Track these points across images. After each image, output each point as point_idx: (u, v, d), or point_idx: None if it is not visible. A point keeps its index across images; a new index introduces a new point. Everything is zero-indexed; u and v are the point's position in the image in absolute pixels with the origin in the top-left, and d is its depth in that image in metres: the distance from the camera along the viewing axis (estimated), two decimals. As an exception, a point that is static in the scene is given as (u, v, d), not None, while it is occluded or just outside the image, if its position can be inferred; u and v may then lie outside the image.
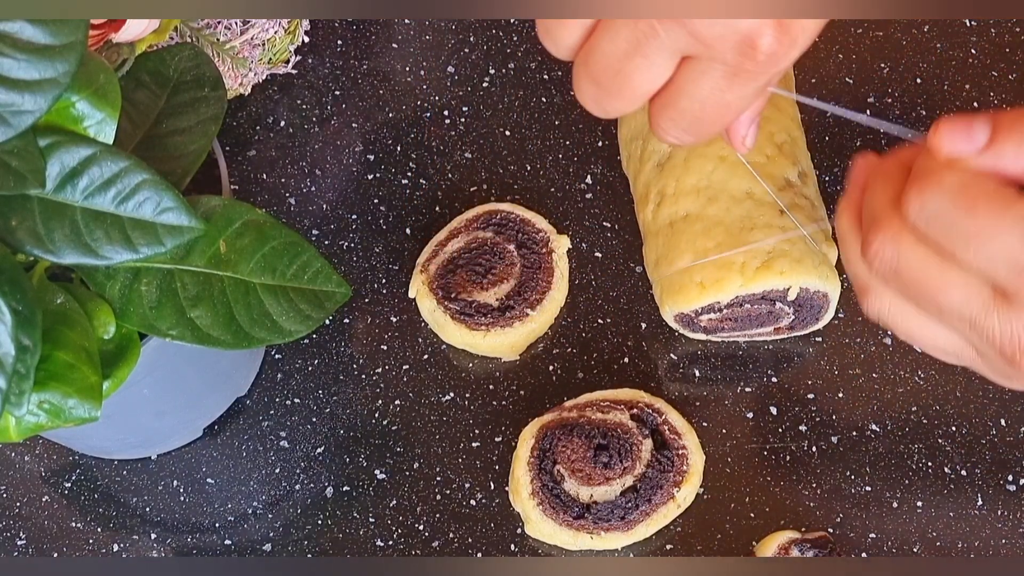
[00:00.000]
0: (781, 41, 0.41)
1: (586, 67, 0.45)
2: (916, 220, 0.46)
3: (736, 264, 0.63)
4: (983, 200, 0.44)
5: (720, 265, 0.63)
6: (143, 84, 0.58)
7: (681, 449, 0.63)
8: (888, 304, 0.49)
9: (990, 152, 0.45)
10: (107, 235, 0.51)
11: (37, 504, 0.66)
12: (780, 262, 0.63)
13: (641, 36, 0.42)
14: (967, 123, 0.45)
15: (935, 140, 0.46)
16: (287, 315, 0.54)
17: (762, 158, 0.66)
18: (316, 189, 0.74)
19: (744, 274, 0.63)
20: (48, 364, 0.50)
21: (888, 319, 0.50)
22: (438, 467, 0.66)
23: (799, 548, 0.62)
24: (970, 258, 0.45)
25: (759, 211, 0.64)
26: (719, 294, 0.63)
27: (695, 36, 0.42)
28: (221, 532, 0.65)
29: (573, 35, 0.45)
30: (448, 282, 0.68)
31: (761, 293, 0.64)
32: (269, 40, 0.74)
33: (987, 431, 0.66)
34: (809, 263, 0.64)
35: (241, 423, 0.68)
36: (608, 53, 0.43)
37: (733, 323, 0.67)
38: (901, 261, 0.47)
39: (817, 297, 0.65)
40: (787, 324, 0.67)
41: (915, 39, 0.78)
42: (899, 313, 0.49)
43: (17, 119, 0.48)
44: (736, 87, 0.43)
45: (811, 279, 0.64)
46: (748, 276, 0.63)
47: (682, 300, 0.64)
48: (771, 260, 0.63)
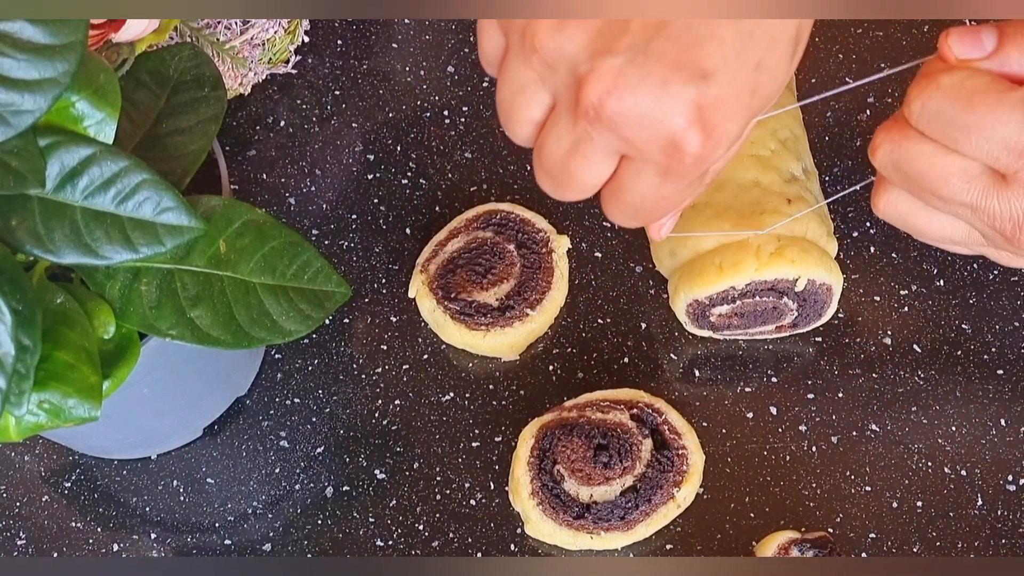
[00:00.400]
0: (705, 144, 0.43)
1: (539, 161, 0.47)
2: (918, 119, 0.50)
3: (752, 247, 0.63)
4: (979, 94, 0.48)
5: (739, 247, 0.63)
6: (143, 84, 0.58)
7: (681, 449, 0.63)
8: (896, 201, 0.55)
9: (996, 57, 0.49)
10: (107, 235, 0.51)
11: (37, 504, 0.66)
12: (791, 250, 0.63)
13: (579, 138, 0.44)
14: (975, 31, 0.50)
15: (944, 47, 0.50)
16: (287, 315, 0.54)
17: (766, 152, 0.66)
18: (316, 189, 0.74)
19: (760, 258, 0.63)
20: (48, 364, 0.50)
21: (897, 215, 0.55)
22: (438, 467, 0.66)
23: (799, 548, 0.62)
24: (970, 147, 0.49)
25: (767, 198, 0.64)
26: (736, 277, 0.63)
27: (625, 140, 0.44)
28: (221, 532, 0.65)
29: (525, 130, 0.47)
30: (448, 282, 0.68)
31: (772, 282, 0.64)
32: (269, 40, 0.74)
33: (987, 431, 0.66)
34: (816, 253, 0.64)
35: (241, 423, 0.68)
36: (554, 151, 0.46)
37: (740, 319, 0.67)
38: (902, 154, 0.51)
39: (822, 291, 0.65)
40: (790, 322, 0.67)
41: (915, 39, 0.78)
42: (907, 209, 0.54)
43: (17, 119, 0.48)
44: (670, 184, 0.45)
45: (818, 270, 0.64)
46: (763, 261, 0.63)
47: (699, 282, 0.64)
48: (782, 247, 0.63)
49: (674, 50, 0.42)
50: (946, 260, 0.71)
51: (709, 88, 0.42)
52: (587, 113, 0.43)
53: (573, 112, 0.44)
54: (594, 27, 0.43)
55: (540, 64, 0.44)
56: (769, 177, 0.65)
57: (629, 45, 0.42)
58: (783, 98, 0.69)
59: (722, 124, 0.43)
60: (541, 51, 0.43)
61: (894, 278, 0.70)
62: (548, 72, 0.44)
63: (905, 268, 0.71)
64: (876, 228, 0.72)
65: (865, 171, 0.73)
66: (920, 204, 0.54)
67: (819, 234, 0.65)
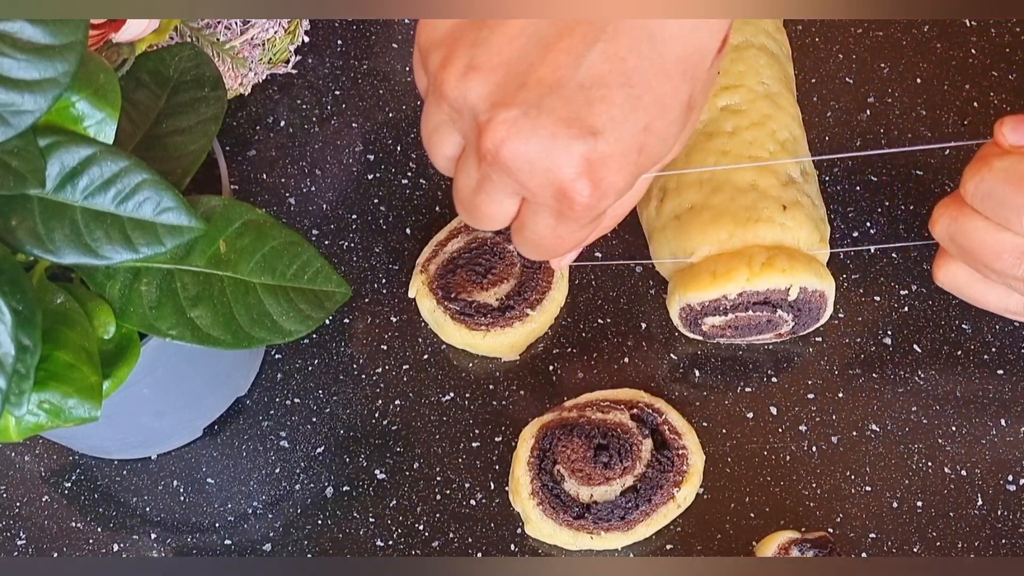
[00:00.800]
0: (592, 195, 0.47)
1: (455, 193, 0.51)
2: (973, 198, 0.57)
3: (744, 256, 0.63)
4: None
5: (732, 255, 0.64)
6: (143, 84, 0.58)
7: (681, 449, 0.63)
8: (955, 272, 0.62)
9: None
10: (107, 235, 0.51)
11: (37, 504, 0.66)
12: (780, 259, 0.63)
13: (483, 177, 0.48)
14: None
15: (999, 134, 0.57)
16: (287, 315, 0.54)
17: (764, 153, 0.66)
18: (316, 189, 0.74)
19: (751, 268, 0.63)
20: (48, 364, 0.50)
21: (955, 285, 0.62)
22: (438, 467, 0.66)
23: (799, 548, 0.62)
24: (1021, 226, 0.55)
25: (764, 203, 0.64)
26: (728, 284, 0.63)
27: (521, 184, 0.47)
28: (221, 532, 0.65)
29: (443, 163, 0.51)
30: (448, 282, 0.68)
31: (765, 293, 0.64)
32: (269, 40, 0.74)
33: (987, 431, 0.66)
34: (804, 260, 0.64)
35: (241, 423, 0.68)
36: (464, 186, 0.49)
37: (735, 331, 0.67)
38: (958, 229, 0.58)
39: (815, 298, 0.65)
40: (787, 331, 0.67)
41: (915, 39, 0.78)
42: (964, 280, 0.61)
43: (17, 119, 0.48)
44: (564, 226, 0.49)
45: (809, 277, 0.64)
46: (754, 271, 0.63)
47: (693, 288, 0.64)
48: (772, 258, 0.63)
49: (565, 108, 0.45)
50: (946, 260, 0.71)
51: (597, 144, 0.46)
52: (485, 157, 0.46)
53: (476, 155, 0.47)
54: (494, 80, 0.46)
55: (449, 108, 0.47)
56: (767, 180, 0.65)
57: (524, 100, 0.45)
58: (784, 99, 0.69)
59: (608, 177, 0.46)
60: (447, 98, 0.47)
61: (894, 278, 0.70)
62: (456, 116, 0.48)
63: (905, 268, 0.71)
64: (876, 228, 0.72)
65: (865, 171, 0.73)
66: (977, 276, 0.60)
67: (811, 242, 0.65)
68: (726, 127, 0.67)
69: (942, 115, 0.75)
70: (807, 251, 0.65)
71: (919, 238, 0.71)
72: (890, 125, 0.75)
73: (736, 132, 0.67)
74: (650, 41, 0.46)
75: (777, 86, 0.69)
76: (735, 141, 0.66)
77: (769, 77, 0.69)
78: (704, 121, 0.67)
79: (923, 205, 0.72)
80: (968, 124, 0.75)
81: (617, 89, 0.45)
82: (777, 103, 0.68)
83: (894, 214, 0.72)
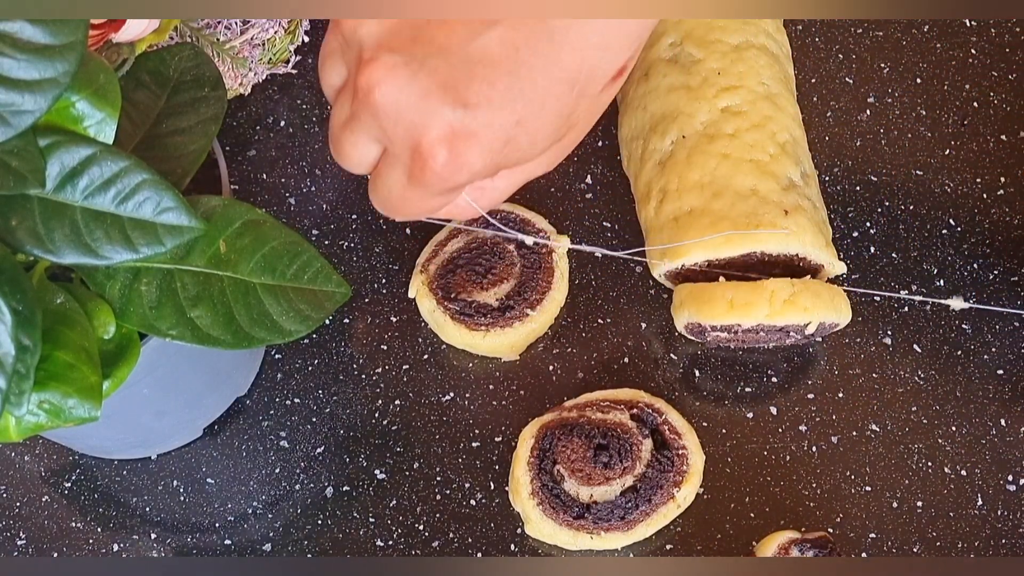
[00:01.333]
0: (448, 164, 0.46)
1: (330, 124, 0.50)
2: None
3: (767, 291, 0.63)
4: None
5: (753, 288, 0.63)
6: (143, 84, 0.58)
7: (681, 449, 0.63)
8: None
9: None
10: (107, 235, 0.51)
11: (37, 504, 0.66)
12: (804, 296, 0.63)
13: (352, 115, 0.48)
14: None
15: None
16: (287, 315, 0.54)
17: (765, 156, 0.66)
18: (316, 189, 0.74)
19: (772, 305, 0.63)
20: (48, 364, 0.50)
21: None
22: (438, 467, 0.66)
23: (799, 548, 0.62)
24: None
25: (764, 208, 0.64)
26: (744, 318, 0.63)
27: (383, 131, 0.47)
28: (221, 532, 0.65)
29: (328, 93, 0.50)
30: (448, 282, 0.68)
31: (782, 326, 0.64)
32: (269, 40, 0.74)
33: (987, 431, 0.66)
34: (827, 296, 0.64)
35: (241, 423, 0.68)
36: (335, 120, 0.49)
37: (740, 342, 0.67)
38: None
39: (829, 327, 0.66)
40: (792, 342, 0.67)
41: (915, 39, 0.78)
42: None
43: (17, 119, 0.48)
44: (414, 189, 0.48)
45: (830, 313, 0.64)
46: (775, 308, 0.63)
47: (707, 311, 0.64)
48: (796, 295, 0.63)
49: (447, 73, 0.45)
50: (946, 260, 0.71)
51: (466, 118, 0.46)
52: (358, 94, 0.47)
53: (352, 89, 0.47)
54: (390, 25, 0.46)
55: (339, 40, 0.48)
56: (767, 185, 0.65)
57: (410, 51, 0.46)
58: (784, 100, 0.69)
59: (467, 153, 0.46)
60: (342, 27, 0.48)
61: (894, 278, 0.70)
62: (345, 47, 0.48)
63: (905, 268, 0.71)
64: (876, 228, 0.72)
65: (865, 171, 0.73)
66: None
67: (817, 245, 0.65)
68: (727, 129, 0.67)
69: (942, 115, 0.75)
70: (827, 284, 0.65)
71: (919, 238, 0.71)
72: (890, 125, 0.75)
73: (737, 134, 0.66)
74: (548, 41, 0.46)
75: (777, 86, 0.69)
76: (736, 144, 0.66)
77: (769, 77, 0.69)
78: (705, 123, 0.67)
79: (923, 205, 0.72)
80: (968, 124, 0.75)
81: (503, 74, 0.45)
82: (777, 104, 0.68)
83: (894, 214, 0.72)
